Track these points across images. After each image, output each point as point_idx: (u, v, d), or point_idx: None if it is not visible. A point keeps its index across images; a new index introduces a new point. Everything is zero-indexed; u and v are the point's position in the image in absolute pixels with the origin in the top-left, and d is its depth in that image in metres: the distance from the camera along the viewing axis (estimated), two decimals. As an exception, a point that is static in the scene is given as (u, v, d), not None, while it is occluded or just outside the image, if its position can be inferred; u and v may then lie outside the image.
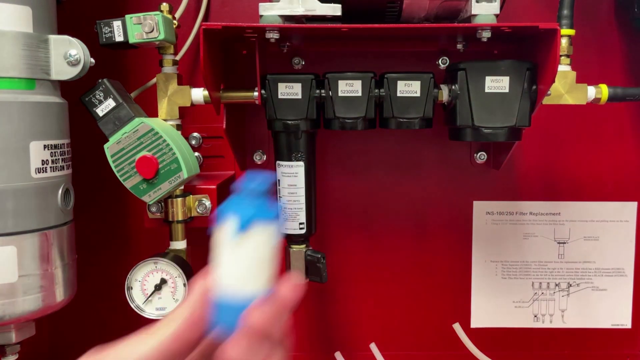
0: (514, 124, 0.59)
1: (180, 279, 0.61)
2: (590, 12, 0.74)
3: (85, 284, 0.63)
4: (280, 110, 0.61)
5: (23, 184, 0.52)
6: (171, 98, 0.63)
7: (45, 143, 0.54)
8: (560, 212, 0.78)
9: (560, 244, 0.79)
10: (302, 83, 0.61)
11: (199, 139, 0.74)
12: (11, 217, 0.52)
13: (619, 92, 0.64)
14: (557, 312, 0.80)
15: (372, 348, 0.79)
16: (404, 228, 0.79)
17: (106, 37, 0.58)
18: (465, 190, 0.78)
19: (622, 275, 0.79)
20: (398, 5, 0.61)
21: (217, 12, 0.74)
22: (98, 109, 0.58)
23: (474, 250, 0.79)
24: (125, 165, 0.57)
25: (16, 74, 0.52)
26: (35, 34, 0.53)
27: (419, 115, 0.61)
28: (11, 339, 0.56)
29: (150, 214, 0.64)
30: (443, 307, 0.80)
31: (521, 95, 0.59)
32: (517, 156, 0.77)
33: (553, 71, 0.56)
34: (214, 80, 0.60)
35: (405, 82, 0.60)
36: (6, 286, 0.52)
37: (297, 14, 0.58)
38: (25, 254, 0.53)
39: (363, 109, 0.60)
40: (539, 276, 0.79)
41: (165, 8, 0.61)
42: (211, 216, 0.60)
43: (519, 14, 0.73)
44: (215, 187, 0.65)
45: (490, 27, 0.57)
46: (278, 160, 0.64)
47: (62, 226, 0.57)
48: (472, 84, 0.59)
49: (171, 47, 0.62)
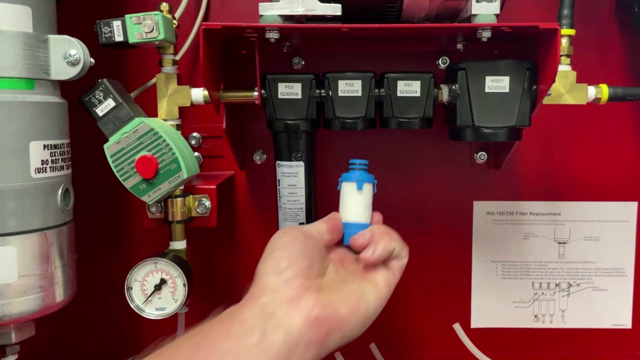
0: (514, 124, 0.59)
1: (180, 279, 0.61)
2: (590, 12, 0.74)
3: (85, 284, 0.63)
4: (280, 110, 0.61)
5: (23, 184, 0.52)
6: (171, 98, 0.63)
7: (45, 143, 0.54)
8: (560, 212, 0.78)
9: (561, 244, 0.79)
10: (302, 83, 0.61)
11: (198, 139, 0.74)
12: (11, 217, 0.52)
13: (619, 92, 0.64)
14: (558, 312, 0.80)
15: (372, 348, 0.79)
16: (403, 228, 0.78)
17: (106, 37, 0.58)
18: (465, 190, 0.78)
19: (622, 275, 0.79)
20: (398, 5, 0.61)
21: (217, 12, 0.74)
22: (98, 109, 0.58)
23: (474, 250, 0.79)
24: (125, 165, 0.57)
25: (16, 73, 0.52)
26: (35, 33, 0.53)
27: (419, 115, 0.61)
28: (11, 339, 0.56)
29: (150, 214, 0.64)
30: (443, 307, 0.80)
31: (521, 95, 0.59)
32: (517, 156, 0.77)
33: (553, 71, 0.56)
34: (214, 80, 0.60)
35: (405, 82, 0.60)
36: (6, 286, 0.52)
37: (297, 13, 0.58)
38: (25, 254, 0.53)
39: (363, 109, 0.60)
40: (539, 276, 0.79)
41: (165, 8, 0.61)
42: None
43: (519, 14, 0.73)
44: (215, 187, 0.65)
45: (491, 27, 0.57)
46: (278, 160, 0.64)
47: (62, 226, 0.57)
48: (472, 83, 0.59)
49: (171, 47, 0.62)
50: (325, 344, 0.45)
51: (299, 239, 0.48)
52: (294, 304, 0.44)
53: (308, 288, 0.45)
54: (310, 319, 0.44)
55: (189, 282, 0.61)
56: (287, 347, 0.42)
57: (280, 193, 0.64)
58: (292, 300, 0.44)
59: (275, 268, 0.46)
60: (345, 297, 0.47)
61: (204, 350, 0.41)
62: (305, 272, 0.46)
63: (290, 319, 0.43)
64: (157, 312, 0.62)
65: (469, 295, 0.80)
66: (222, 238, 0.77)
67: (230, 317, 0.44)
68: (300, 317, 0.43)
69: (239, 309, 0.44)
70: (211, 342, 0.41)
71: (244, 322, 0.43)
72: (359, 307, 0.48)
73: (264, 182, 0.76)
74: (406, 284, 0.79)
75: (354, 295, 0.48)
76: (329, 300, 0.46)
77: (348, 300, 0.47)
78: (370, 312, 0.49)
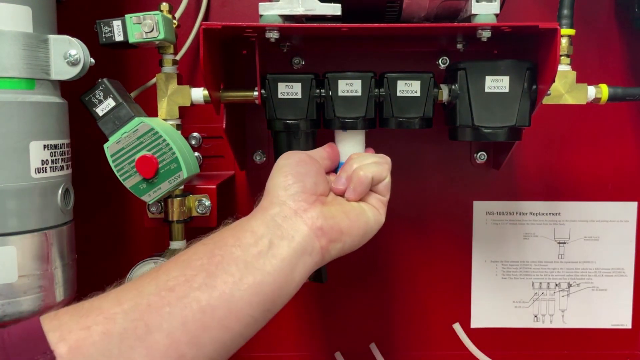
0: (514, 124, 0.59)
1: (180, 279, 0.61)
2: (590, 12, 0.74)
3: (85, 284, 0.63)
4: (280, 110, 0.61)
5: (23, 184, 0.52)
6: (171, 98, 0.63)
7: (45, 143, 0.54)
8: (560, 212, 0.78)
9: (561, 244, 0.79)
10: (302, 83, 0.60)
11: (198, 139, 0.74)
12: (11, 217, 0.52)
13: (619, 92, 0.64)
14: (557, 312, 0.80)
15: (372, 348, 0.79)
16: (403, 228, 0.79)
17: (106, 36, 0.58)
18: (465, 190, 0.78)
19: (622, 275, 0.79)
20: (398, 5, 0.61)
21: (217, 12, 0.74)
22: (98, 108, 0.58)
23: (474, 250, 0.79)
24: (125, 164, 0.57)
25: (16, 73, 0.52)
26: (35, 33, 0.53)
27: (419, 115, 0.61)
28: (11, 339, 0.56)
29: (150, 214, 0.64)
30: (443, 307, 0.80)
31: (521, 95, 0.59)
32: (517, 156, 0.77)
33: (553, 71, 0.56)
34: (214, 80, 0.60)
35: (405, 82, 0.60)
36: (6, 286, 0.52)
37: (297, 13, 0.58)
38: (25, 254, 0.53)
39: (363, 109, 0.60)
40: (539, 276, 0.79)
41: (165, 8, 0.61)
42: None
43: (519, 14, 0.73)
44: (215, 187, 0.65)
45: (490, 27, 0.57)
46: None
47: (62, 226, 0.57)
48: (472, 83, 0.59)
49: (171, 46, 0.62)
50: (327, 251, 0.49)
51: (304, 159, 0.53)
52: (300, 215, 0.48)
53: (313, 202, 0.49)
54: (314, 228, 0.48)
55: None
56: (293, 253, 0.46)
57: (280, 193, 0.64)
58: (297, 212, 0.48)
59: (284, 184, 0.50)
60: (346, 212, 0.51)
61: (217, 256, 0.44)
62: (311, 188, 0.50)
63: (296, 228, 0.47)
64: (157, 312, 0.62)
65: (469, 295, 0.80)
66: (222, 238, 0.77)
67: (240, 226, 0.48)
68: (306, 227, 0.47)
69: (249, 219, 0.48)
70: (224, 249, 0.45)
71: (254, 231, 0.46)
72: (358, 221, 0.51)
73: (264, 182, 0.76)
74: (406, 284, 0.80)
75: (354, 211, 0.52)
76: (332, 214, 0.50)
77: (348, 215, 0.51)
78: (370, 227, 0.53)
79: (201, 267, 0.43)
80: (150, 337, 0.39)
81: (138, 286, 0.42)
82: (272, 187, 0.51)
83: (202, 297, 0.42)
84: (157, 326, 0.40)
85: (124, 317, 0.39)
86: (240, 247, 0.45)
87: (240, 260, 0.44)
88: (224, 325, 0.42)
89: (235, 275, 0.43)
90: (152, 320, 0.40)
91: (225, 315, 0.42)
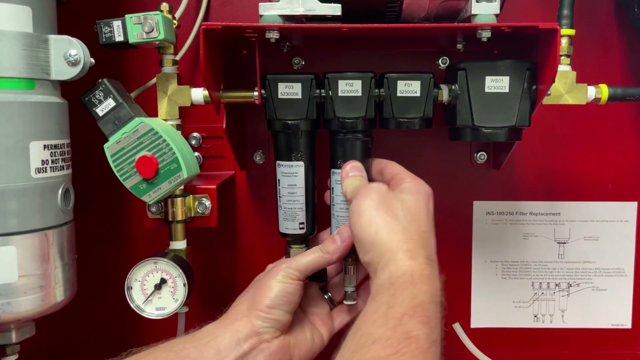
0: (514, 124, 0.59)
1: (180, 278, 0.61)
2: (590, 12, 0.74)
3: (85, 284, 0.63)
4: (280, 110, 0.61)
5: (23, 184, 0.52)
6: (171, 98, 0.63)
7: (45, 143, 0.54)
8: (560, 212, 0.78)
9: (560, 244, 0.79)
10: (302, 83, 0.61)
11: (199, 139, 0.74)
12: (11, 217, 0.52)
13: (619, 92, 0.64)
14: (557, 312, 0.80)
15: (372, 348, 0.79)
16: (404, 228, 0.78)
17: (106, 37, 0.58)
18: (465, 190, 0.78)
19: (622, 275, 0.79)
20: (398, 5, 0.61)
21: (217, 12, 0.74)
22: (98, 108, 0.58)
23: (474, 250, 0.79)
24: (125, 165, 0.57)
25: (16, 74, 0.52)
26: (35, 34, 0.53)
27: (419, 115, 0.61)
28: (11, 339, 0.56)
29: (150, 214, 0.64)
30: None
31: (521, 95, 0.59)
32: (517, 156, 0.77)
33: (553, 71, 0.56)
34: (214, 80, 0.60)
35: (405, 82, 0.60)
36: (6, 286, 0.52)
37: (297, 13, 0.58)
38: (25, 254, 0.53)
39: (363, 109, 0.60)
40: (539, 276, 0.79)
41: (165, 8, 0.61)
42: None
43: (519, 14, 0.73)
44: (215, 187, 0.65)
45: (490, 27, 0.57)
46: (278, 160, 0.64)
47: (62, 226, 0.57)
48: (472, 83, 0.59)
49: (171, 47, 0.62)
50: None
51: (283, 290, 0.57)
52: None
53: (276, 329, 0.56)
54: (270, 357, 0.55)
55: (189, 281, 0.61)
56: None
57: (280, 193, 0.64)
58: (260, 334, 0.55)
59: (252, 300, 0.57)
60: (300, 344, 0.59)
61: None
62: (279, 318, 0.57)
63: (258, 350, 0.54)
64: (157, 312, 0.62)
65: (468, 295, 0.80)
66: (222, 238, 0.77)
67: (205, 340, 0.54)
68: (263, 355, 0.55)
69: (214, 334, 0.54)
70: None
71: (219, 350, 0.53)
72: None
73: (264, 182, 0.76)
74: (406, 284, 0.79)
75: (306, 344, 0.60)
76: (287, 343, 0.57)
77: (300, 348, 0.59)
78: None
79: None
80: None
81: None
82: (240, 301, 0.59)
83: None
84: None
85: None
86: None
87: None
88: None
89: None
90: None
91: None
